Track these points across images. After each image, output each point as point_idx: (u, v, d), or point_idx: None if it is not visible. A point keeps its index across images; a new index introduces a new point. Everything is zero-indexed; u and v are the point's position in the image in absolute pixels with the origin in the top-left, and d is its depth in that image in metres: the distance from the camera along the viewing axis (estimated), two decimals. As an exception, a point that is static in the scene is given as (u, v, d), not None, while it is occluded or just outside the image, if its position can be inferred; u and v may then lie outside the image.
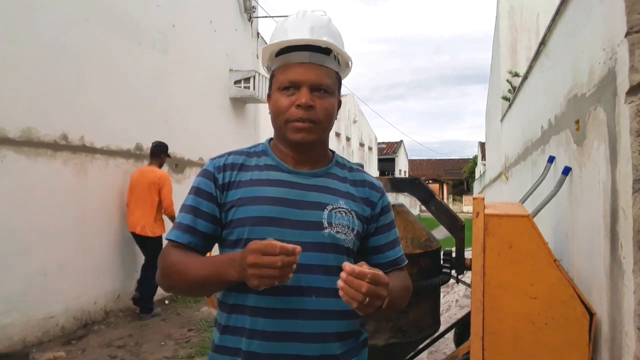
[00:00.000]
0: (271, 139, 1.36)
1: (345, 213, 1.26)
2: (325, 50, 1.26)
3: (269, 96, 1.30)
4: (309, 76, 1.22)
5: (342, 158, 1.40)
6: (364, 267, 1.06)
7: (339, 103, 1.33)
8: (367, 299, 1.04)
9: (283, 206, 1.22)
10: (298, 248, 1.05)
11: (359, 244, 1.30)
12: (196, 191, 1.28)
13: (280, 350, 1.18)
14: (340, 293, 1.05)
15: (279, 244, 1.04)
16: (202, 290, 1.26)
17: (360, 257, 1.30)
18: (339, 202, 1.27)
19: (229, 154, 1.32)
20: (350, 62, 1.34)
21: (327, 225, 1.23)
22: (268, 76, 1.33)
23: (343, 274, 1.05)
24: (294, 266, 1.06)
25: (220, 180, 1.27)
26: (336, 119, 1.34)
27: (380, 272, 1.07)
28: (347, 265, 1.05)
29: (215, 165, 1.29)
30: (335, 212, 1.25)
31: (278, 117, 1.25)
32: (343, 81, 1.36)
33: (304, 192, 1.26)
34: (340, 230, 1.24)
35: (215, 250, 1.33)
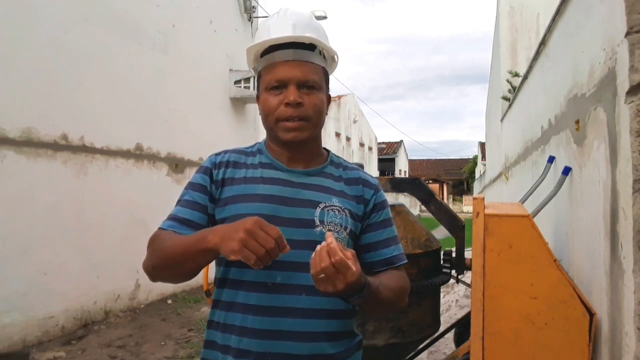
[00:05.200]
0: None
1: (339, 211, 1.25)
2: (310, 47, 1.25)
3: (257, 97, 1.30)
4: (295, 73, 1.22)
5: (338, 157, 1.40)
6: (345, 252, 1.01)
7: (329, 99, 1.32)
8: (322, 276, 1.00)
9: (275, 204, 1.22)
10: (288, 248, 1.04)
11: (353, 242, 1.28)
12: (192, 186, 1.28)
13: (270, 348, 1.17)
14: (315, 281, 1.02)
15: (280, 232, 1.03)
16: (180, 265, 1.15)
17: (357, 255, 1.24)
18: (332, 200, 1.26)
19: (226, 151, 1.33)
20: (335, 57, 1.32)
21: (319, 223, 1.22)
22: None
23: (323, 242, 1.02)
24: (271, 262, 1.03)
25: (215, 177, 1.27)
26: (327, 114, 1.33)
27: (350, 264, 1.00)
28: (329, 237, 1.02)
29: (212, 162, 1.30)
30: (328, 210, 1.24)
31: (268, 117, 1.25)
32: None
33: (297, 189, 1.25)
34: (332, 229, 1.23)
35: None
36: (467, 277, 2.75)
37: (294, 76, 1.21)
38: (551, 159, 3.57)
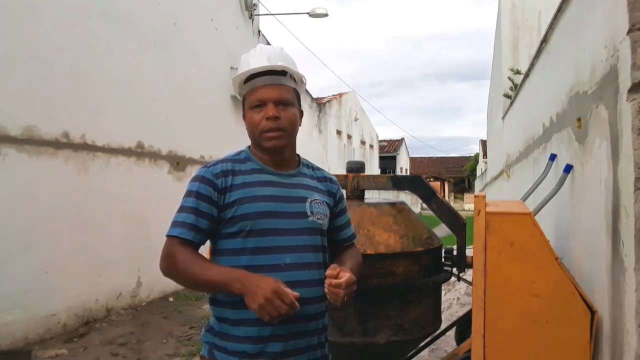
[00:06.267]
0: (249, 146, 1.66)
1: (320, 204, 1.62)
2: (282, 73, 1.57)
3: (244, 116, 1.61)
4: (272, 94, 1.54)
5: (305, 160, 1.73)
6: (340, 274, 1.44)
7: (301, 113, 1.65)
8: (345, 299, 1.45)
9: (276, 202, 1.53)
10: (298, 307, 1.38)
11: (327, 225, 1.66)
12: (196, 195, 1.51)
13: None
14: (328, 296, 1.46)
15: (293, 298, 1.36)
16: (203, 290, 1.58)
17: (327, 235, 1.67)
18: (314, 196, 1.62)
19: (219, 162, 1.58)
20: (304, 79, 1.64)
21: (310, 214, 1.57)
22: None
23: (327, 283, 1.44)
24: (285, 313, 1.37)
25: (219, 185, 1.52)
26: (300, 125, 1.64)
27: (349, 276, 1.46)
28: (329, 278, 1.44)
29: (212, 173, 1.54)
30: (314, 204, 1.60)
31: (253, 130, 1.57)
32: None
33: (289, 189, 1.58)
34: (319, 217, 1.59)
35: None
36: (469, 275, 2.74)
37: (272, 96, 1.54)
38: (553, 157, 3.56)
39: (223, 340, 1.51)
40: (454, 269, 2.89)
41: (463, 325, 3.62)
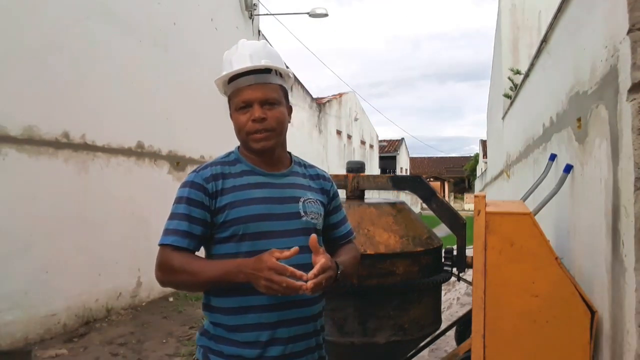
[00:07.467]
0: (239, 146, 1.61)
1: (313, 202, 1.58)
2: (266, 70, 1.50)
3: (231, 116, 1.56)
4: (257, 95, 1.48)
5: (297, 157, 1.68)
6: (318, 257, 1.36)
7: (290, 109, 1.58)
8: (324, 284, 1.35)
9: (268, 204, 1.49)
10: (305, 276, 1.30)
11: (322, 223, 1.62)
12: (187, 200, 1.47)
13: (283, 317, 1.46)
14: (311, 293, 1.34)
15: (290, 268, 1.30)
16: (207, 288, 1.51)
17: (323, 232, 1.63)
18: (307, 195, 1.57)
19: (208, 165, 1.54)
20: (290, 73, 1.58)
21: (303, 214, 1.53)
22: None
23: (310, 285, 1.31)
24: (300, 291, 1.31)
25: (210, 190, 1.48)
26: (290, 122, 1.59)
27: (323, 261, 1.35)
28: (310, 282, 1.31)
29: (202, 177, 1.50)
30: (307, 203, 1.55)
31: (240, 132, 1.53)
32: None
33: (281, 190, 1.54)
34: (313, 217, 1.55)
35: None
36: (468, 275, 2.74)
37: (257, 97, 1.47)
38: (552, 157, 3.56)
39: (219, 343, 1.48)
40: (454, 269, 2.89)
41: (463, 325, 3.62)
